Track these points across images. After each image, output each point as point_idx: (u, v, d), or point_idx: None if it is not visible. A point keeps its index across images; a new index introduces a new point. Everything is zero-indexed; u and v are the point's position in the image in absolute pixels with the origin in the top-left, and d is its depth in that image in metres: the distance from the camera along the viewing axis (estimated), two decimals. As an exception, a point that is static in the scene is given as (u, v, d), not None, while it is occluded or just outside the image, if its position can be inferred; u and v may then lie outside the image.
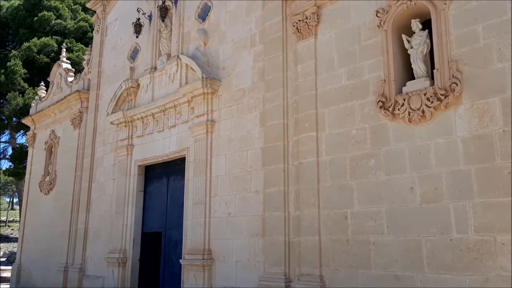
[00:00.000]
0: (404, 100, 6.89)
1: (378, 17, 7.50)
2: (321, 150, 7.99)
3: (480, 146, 6.08)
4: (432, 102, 6.56)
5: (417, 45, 6.99)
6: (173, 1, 12.14)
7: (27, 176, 18.04)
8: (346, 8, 8.12)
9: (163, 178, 11.78)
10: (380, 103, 7.19)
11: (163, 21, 12.15)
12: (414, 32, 7.10)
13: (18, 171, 26.82)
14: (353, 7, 8.01)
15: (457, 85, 6.36)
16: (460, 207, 6.13)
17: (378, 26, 7.49)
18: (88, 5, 16.50)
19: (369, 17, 7.71)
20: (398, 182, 6.86)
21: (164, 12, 11.97)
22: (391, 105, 7.05)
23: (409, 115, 6.81)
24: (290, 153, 8.47)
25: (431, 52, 6.91)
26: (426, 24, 7.06)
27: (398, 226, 6.75)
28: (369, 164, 7.27)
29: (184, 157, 10.76)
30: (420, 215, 6.53)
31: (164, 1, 12.07)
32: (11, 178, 34.91)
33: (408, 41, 7.14)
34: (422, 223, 6.48)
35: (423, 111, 6.65)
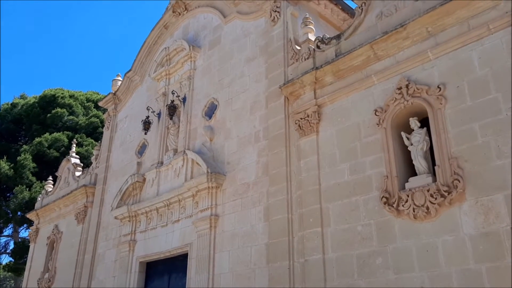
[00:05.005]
0: (408, 196, 6.88)
1: (377, 115, 7.78)
2: (327, 246, 7.81)
3: (488, 244, 5.94)
4: (436, 198, 6.55)
5: (416, 142, 7.15)
6: (181, 100, 12.74)
7: (26, 272, 17.53)
8: (345, 107, 8.46)
9: (165, 276, 11.39)
10: (384, 199, 7.18)
11: (171, 118, 12.66)
12: (413, 130, 7.30)
13: (18, 266, 26.15)
14: (353, 106, 8.34)
15: (459, 182, 6.39)
16: (475, 309, 5.83)
17: (377, 124, 7.73)
18: (100, 104, 17.32)
19: (368, 115, 7.99)
20: (408, 281, 6.60)
21: (172, 110, 12.53)
22: (395, 201, 7.04)
23: (413, 211, 6.76)
24: (295, 250, 8.27)
25: (431, 148, 7.04)
26: (424, 121, 7.29)
27: (411, 330, 6.37)
28: (377, 262, 7.05)
29: (187, 253, 10.52)
30: (433, 318, 6.19)
31: (173, 100, 12.67)
32: (10, 273, 33.98)
33: (408, 138, 7.32)
34: (436, 327, 6.12)
35: (427, 208, 6.61)
